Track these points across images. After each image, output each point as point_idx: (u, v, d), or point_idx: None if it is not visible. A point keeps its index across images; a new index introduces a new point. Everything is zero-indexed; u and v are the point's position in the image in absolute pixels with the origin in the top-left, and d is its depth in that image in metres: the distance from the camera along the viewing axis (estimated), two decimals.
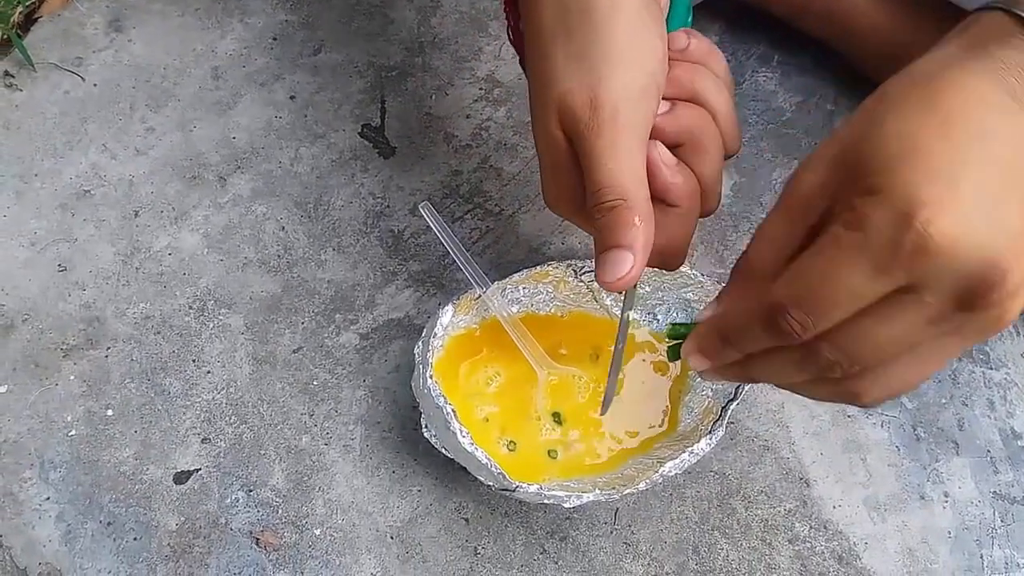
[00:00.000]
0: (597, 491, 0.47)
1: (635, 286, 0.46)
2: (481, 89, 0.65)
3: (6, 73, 0.65)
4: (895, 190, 0.31)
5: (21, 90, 0.65)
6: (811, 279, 0.33)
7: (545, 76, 0.42)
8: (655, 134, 0.42)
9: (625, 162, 0.40)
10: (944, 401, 0.56)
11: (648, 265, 0.43)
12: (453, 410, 0.47)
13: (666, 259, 0.44)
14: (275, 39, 0.67)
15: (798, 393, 0.39)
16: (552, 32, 0.42)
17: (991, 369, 0.56)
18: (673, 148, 0.43)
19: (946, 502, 0.53)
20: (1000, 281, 0.31)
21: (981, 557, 0.51)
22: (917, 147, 0.32)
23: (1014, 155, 0.32)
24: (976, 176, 0.31)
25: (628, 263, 0.40)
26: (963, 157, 0.32)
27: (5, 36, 0.66)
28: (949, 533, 0.52)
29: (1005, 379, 0.56)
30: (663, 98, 0.43)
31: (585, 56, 0.41)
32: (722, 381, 0.42)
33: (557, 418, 0.52)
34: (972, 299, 0.32)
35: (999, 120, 0.32)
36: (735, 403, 0.49)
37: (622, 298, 0.48)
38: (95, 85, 0.65)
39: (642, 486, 0.47)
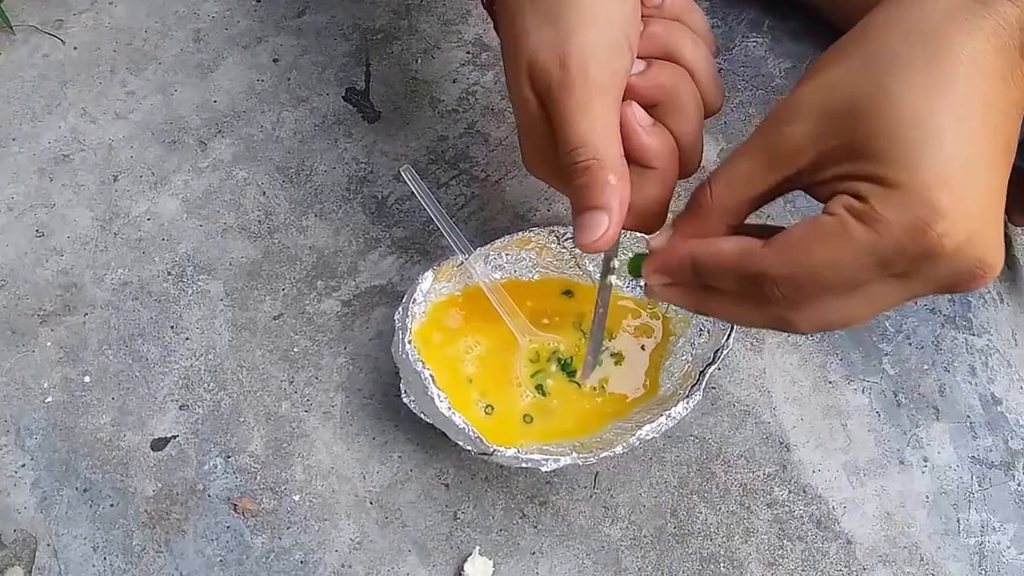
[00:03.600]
0: (575, 454, 0.47)
1: (616, 250, 0.45)
2: (468, 53, 0.64)
3: None
4: (914, 194, 0.32)
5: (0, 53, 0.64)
6: (811, 263, 0.34)
7: (515, 37, 0.42)
8: (629, 94, 0.42)
9: (597, 120, 0.40)
10: (926, 367, 0.55)
11: (627, 228, 0.42)
12: (431, 375, 0.46)
13: (645, 221, 0.43)
14: (258, 1, 0.66)
15: (733, 321, 0.41)
16: None
17: (973, 335, 0.56)
18: (649, 108, 0.42)
19: (925, 467, 0.53)
20: (984, 275, 0.33)
21: (958, 521, 0.51)
22: (933, 141, 0.32)
23: (1008, 136, 0.33)
24: (985, 176, 0.33)
25: (604, 224, 0.40)
26: (975, 154, 0.32)
27: None
28: (927, 497, 0.52)
29: (987, 345, 0.56)
30: (638, 57, 0.42)
31: (553, 15, 0.40)
32: (670, 302, 0.42)
33: (541, 390, 0.51)
34: (952, 288, 0.34)
35: (999, 97, 0.33)
36: (713, 367, 0.49)
37: (602, 263, 0.48)
38: (75, 48, 0.64)
39: (619, 449, 0.47)
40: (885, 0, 0.36)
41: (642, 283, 0.42)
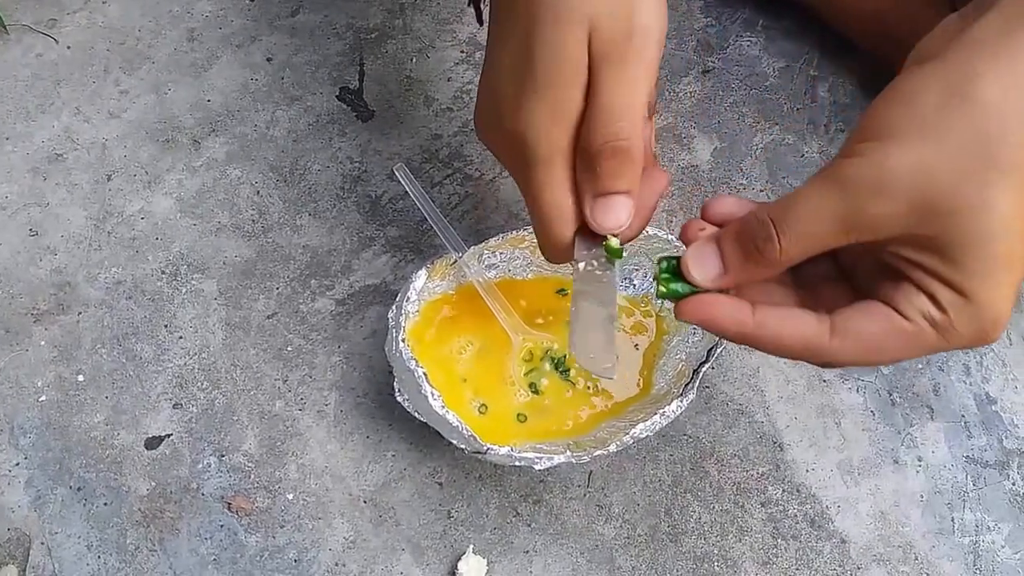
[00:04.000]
0: (568, 453, 0.47)
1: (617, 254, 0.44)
2: (463, 52, 0.65)
3: None
4: (986, 308, 0.34)
5: None
6: (881, 358, 0.36)
7: None
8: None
9: (640, 102, 0.39)
10: (920, 366, 0.56)
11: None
12: (425, 373, 0.47)
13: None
14: (252, 0, 0.66)
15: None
16: None
17: None
18: None
19: (919, 466, 0.53)
20: (995, 337, 0.35)
21: (952, 520, 0.52)
22: (1016, 258, 0.33)
23: None
24: None
25: (629, 209, 0.39)
26: None
27: None
28: (921, 496, 0.52)
29: None
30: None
31: None
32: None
33: (534, 388, 0.52)
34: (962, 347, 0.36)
35: None
36: (707, 365, 0.49)
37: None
38: (68, 47, 0.64)
39: (612, 448, 0.47)
40: (982, 41, 0.34)
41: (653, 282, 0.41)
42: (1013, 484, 0.53)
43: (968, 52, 0.34)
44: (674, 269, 0.39)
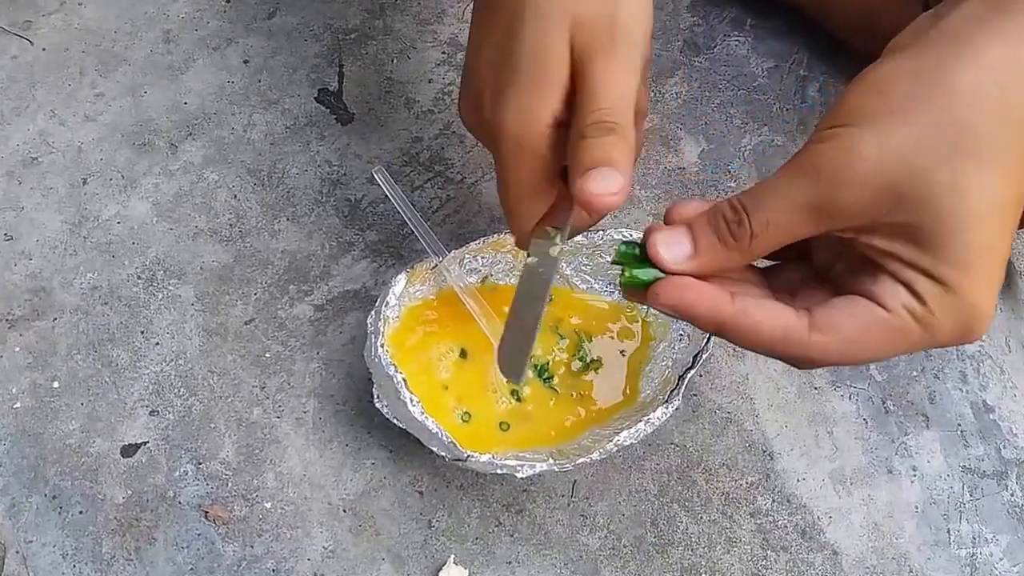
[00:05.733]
0: (551, 461, 0.48)
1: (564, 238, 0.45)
2: (443, 53, 0.66)
3: None
4: (967, 297, 0.34)
5: None
6: (863, 355, 0.36)
7: None
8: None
9: (629, 90, 0.41)
10: (915, 374, 0.57)
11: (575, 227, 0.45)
12: (404, 379, 0.48)
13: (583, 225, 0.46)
14: (228, 1, 0.68)
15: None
16: None
17: None
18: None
19: (914, 476, 0.54)
20: (979, 331, 0.36)
21: (948, 532, 0.53)
22: (993, 247, 0.34)
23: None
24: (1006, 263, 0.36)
25: (618, 182, 0.39)
26: (1006, 246, 0.35)
27: None
28: (916, 507, 0.53)
29: (979, 351, 0.58)
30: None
31: None
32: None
33: (516, 395, 0.53)
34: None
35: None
36: (693, 371, 0.50)
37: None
38: (44, 49, 0.66)
39: (596, 456, 0.48)
40: (954, 32, 0.35)
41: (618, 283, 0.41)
42: (1011, 495, 0.53)
43: (939, 42, 0.35)
44: (635, 255, 0.39)
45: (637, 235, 0.51)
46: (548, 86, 0.42)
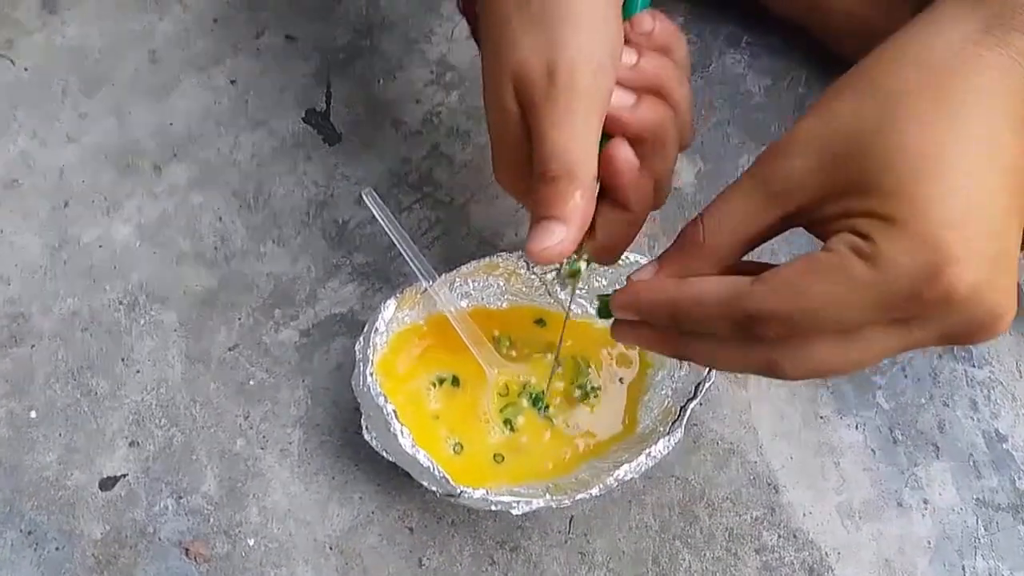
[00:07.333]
0: (548, 496, 0.47)
1: (576, 277, 0.45)
2: (432, 73, 0.65)
3: None
4: (922, 233, 0.32)
5: None
6: (808, 302, 0.33)
7: (500, 43, 0.42)
8: (618, 128, 0.42)
9: (577, 134, 0.40)
10: (923, 401, 0.55)
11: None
12: (394, 410, 0.47)
13: (604, 255, 0.45)
14: (216, 21, 0.67)
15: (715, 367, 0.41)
16: None
17: (974, 367, 0.56)
18: (633, 144, 0.43)
19: (925, 509, 0.53)
20: (994, 326, 0.33)
21: (963, 568, 0.51)
22: (941, 178, 0.32)
23: (1020, 179, 0.33)
24: (999, 220, 0.33)
25: (559, 235, 0.40)
26: (987, 196, 0.32)
27: None
28: (928, 542, 0.52)
29: (989, 377, 0.56)
30: (631, 90, 0.43)
31: (543, 23, 0.41)
32: (641, 347, 0.42)
33: (510, 425, 0.52)
34: (957, 339, 0.34)
35: (1013, 138, 0.33)
36: (695, 402, 0.49)
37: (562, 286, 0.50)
38: (26, 69, 0.65)
39: (595, 491, 0.47)
40: (894, 35, 0.36)
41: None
42: None
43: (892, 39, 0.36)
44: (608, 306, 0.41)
45: (635, 257, 0.51)
46: (507, 144, 0.43)
